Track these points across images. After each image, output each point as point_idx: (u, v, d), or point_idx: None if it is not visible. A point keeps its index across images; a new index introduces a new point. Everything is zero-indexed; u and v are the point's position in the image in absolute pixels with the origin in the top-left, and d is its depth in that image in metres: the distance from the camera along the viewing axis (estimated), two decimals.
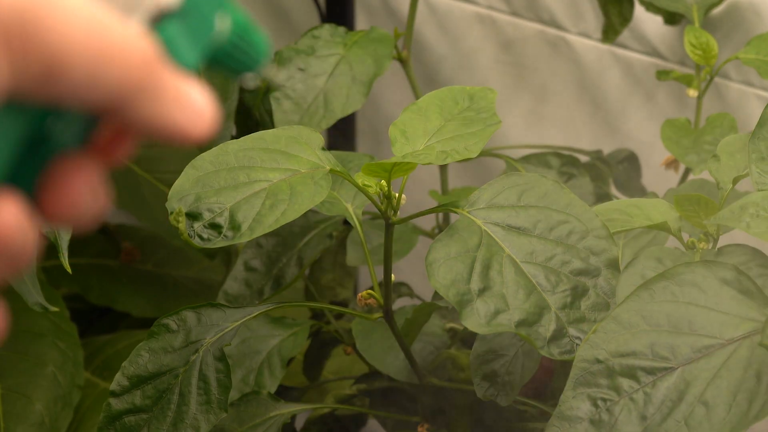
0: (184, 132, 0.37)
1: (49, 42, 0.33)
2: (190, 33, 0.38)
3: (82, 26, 0.34)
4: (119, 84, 0.35)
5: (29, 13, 0.33)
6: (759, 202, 0.82)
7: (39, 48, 0.33)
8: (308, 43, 1.20)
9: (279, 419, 1.01)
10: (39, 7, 0.33)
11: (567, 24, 1.48)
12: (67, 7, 0.34)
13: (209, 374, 0.91)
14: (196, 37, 0.38)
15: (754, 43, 1.23)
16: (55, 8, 0.33)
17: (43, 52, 0.33)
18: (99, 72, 0.34)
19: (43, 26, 0.33)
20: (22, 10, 0.32)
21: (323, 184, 0.86)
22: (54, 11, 0.33)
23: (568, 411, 0.75)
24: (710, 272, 0.78)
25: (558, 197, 0.88)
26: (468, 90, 0.94)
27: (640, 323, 0.77)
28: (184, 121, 0.37)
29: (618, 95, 1.47)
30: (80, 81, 0.34)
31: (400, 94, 1.62)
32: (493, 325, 0.82)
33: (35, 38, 0.33)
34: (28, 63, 0.33)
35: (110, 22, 0.35)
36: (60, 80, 0.34)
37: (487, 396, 0.93)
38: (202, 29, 0.38)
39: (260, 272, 1.15)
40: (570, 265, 0.86)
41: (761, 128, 0.88)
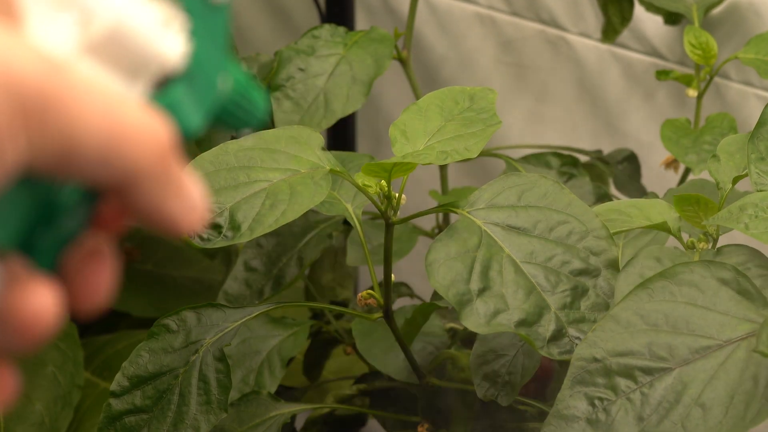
0: (176, 223, 0.37)
1: (65, 121, 0.33)
2: (195, 94, 0.38)
3: (99, 106, 0.34)
4: (131, 166, 0.35)
5: (48, 92, 0.33)
6: (758, 203, 0.82)
7: (56, 126, 0.33)
8: (308, 43, 1.20)
9: (279, 419, 1.01)
10: (58, 86, 0.33)
11: (567, 24, 1.48)
12: (85, 87, 0.34)
13: (209, 374, 0.91)
14: (200, 99, 0.38)
15: (753, 43, 1.23)
16: (73, 88, 0.33)
17: (59, 130, 0.33)
18: (112, 152, 0.34)
19: (61, 105, 0.33)
20: (41, 89, 0.33)
21: (323, 184, 0.86)
22: (72, 91, 0.33)
23: (565, 410, 0.75)
24: (709, 272, 0.78)
25: (558, 197, 0.88)
26: (468, 90, 0.94)
27: (638, 323, 0.77)
28: (179, 212, 0.37)
29: (618, 95, 1.47)
30: (93, 160, 0.34)
31: (400, 94, 1.62)
32: (492, 325, 0.82)
33: (53, 117, 0.33)
34: (44, 140, 0.33)
35: (127, 103, 0.35)
36: (74, 158, 0.34)
37: (487, 396, 0.93)
38: (207, 90, 0.38)
39: (260, 272, 1.15)
40: (570, 266, 0.86)
41: (760, 128, 0.88)
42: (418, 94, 1.25)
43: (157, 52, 0.37)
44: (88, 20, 0.36)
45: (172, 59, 0.37)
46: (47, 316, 0.35)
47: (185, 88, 0.38)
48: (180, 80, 0.38)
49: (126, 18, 0.36)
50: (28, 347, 0.36)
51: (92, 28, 0.36)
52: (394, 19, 1.58)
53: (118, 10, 0.36)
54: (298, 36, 1.24)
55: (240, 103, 0.40)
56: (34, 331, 0.35)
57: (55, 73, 0.33)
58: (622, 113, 1.48)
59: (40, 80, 0.33)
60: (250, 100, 0.40)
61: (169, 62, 0.37)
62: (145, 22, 0.36)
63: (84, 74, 0.34)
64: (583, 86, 1.50)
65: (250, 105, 0.40)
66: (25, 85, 0.32)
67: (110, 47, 0.36)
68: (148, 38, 0.36)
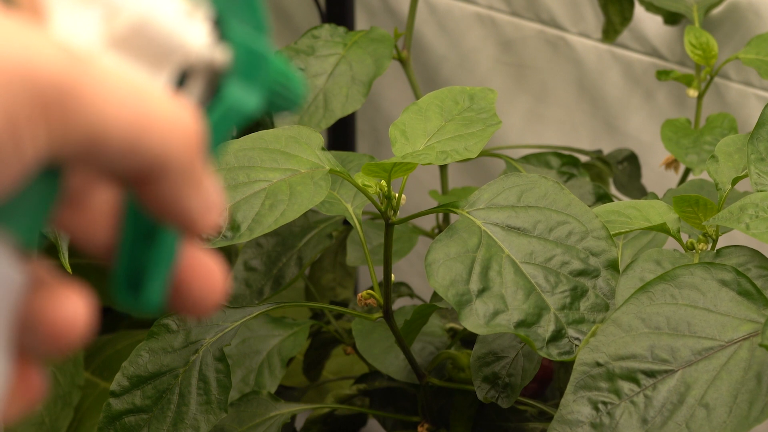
0: (193, 221, 0.37)
1: (89, 112, 0.33)
2: (248, 83, 0.38)
3: (124, 98, 0.34)
4: (156, 157, 0.35)
5: (68, 84, 0.33)
6: (758, 203, 0.82)
7: (78, 118, 0.33)
8: (308, 43, 1.20)
9: (279, 419, 1.01)
10: (79, 78, 0.33)
11: (567, 24, 1.48)
12: (109, 78, 0.34)
13: (209, 374, 0.91)
14: (254, 85, 0.38)
15: (754, 43, 1.23)
16: (96, 80, 0.33)
17: (82, 121, 0.33)
18: (139, 142, 0.34)
19: (84, 97, 0.33)
20: (61, 82, 0.33)
21: (323, 184, 0.86)
22: (95, 83, 0.33)
23: (569, 415, 0.75)
24: (709, 274, 0.78)
25: (558, 198, 0.88)
26: (468, 90, 0.94)
27: (639, 326, 0.77)
28: (198, 210, 0.37)
29: (618, 95, 1.47)
30: (120, 150, 0.34)
31: (400, 94, 1.62)
32: (492, 326, 0.82)
33: (74, 109, 0.33)
34: (67, 133, 0.33)
35: (155, 94, 0.35)
36: (99, 149, 0.34)
37: (488, 398, 0.93)
38: (255, 77, 0.38)
39: (260, 272, 1.15)
40: (569, 266, 0.86)
41: (760, 129, 0.88)
42: (418, 94, 1.25)
43: (180, 42, 0.37)
44: (113, 15, 0.36)
45: (196, 48, 0.37)
46: (79, 323, 0.35)
47: (237, 81, 0.38)
48: (230, 76, 0.38)
49: (150, 11, 0.36)
50: (58, 353, 0.35)
51: (117, 22, 0.36)
52: (394, 19, 1.58)
53: (142, 4, 0.36)
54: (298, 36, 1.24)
55: (280, 89, 0.40)
56: (65, 338, 0.35)
57: (77, 65, 0.33)
58: (622, 113, 1.48)
59: (61, 73, 0.33)
60: (289, 85, 0.40)
61: (193, 51, 0.37)
62: (168, 14, 0.36)
63: (109, 66, 0.34)
64: (583, 86, 1.50)
65: (290, 90, 0.40)
66: (45, 78, 0.32)
67: (135, 40, 0.36)
68: (172, 29, 0.36)
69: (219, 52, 0.38)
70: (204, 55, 0.37)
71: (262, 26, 0.39)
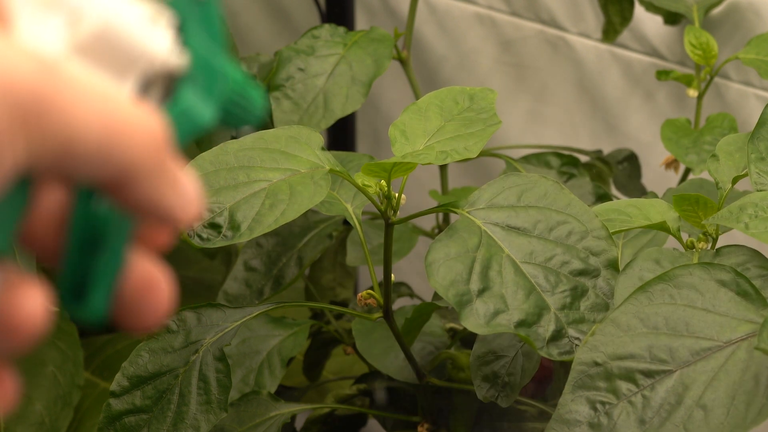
0: (175, 216, 0.37)
1: (63, 120, 0.34)
2: (202, 92, 0.38)
3: (94, 104, 0.34)
4: (128, 161, 0.35)
5: (43, 93, 0.33)
6: (758, 203, 0.82)
7: (53, 126, 0.33)
8: (308, 43, 1.20)
9: (279, 419, 1.01)
10: (52, 87, 0.33)
11: (567, 24, 1.48)
12: (78, 86, 0.34)
13: (209, 374, 0.91)
14: (207, 95, 0.39)
15: (754, 43, 1.23)
16: (67, 88, 0.34)
17: (57, 130, 0.34)
18: (110, 148, 0.35)
19: (57, 106, 0.33)
20: (35, 91, 0.33)
21: (323, 184, 0.86)
22: (66, 91, 0.34)
23: (566, 414, 0.75)
24: (708, 274, 0.78)
25: (558, 197, 0.88)
26: (468, 90, 0.94)
27: (638, 326, 0.77)
28: (178, 206, 0.37)
29: (618, 95, 1.47)
30: (92, 157, 0.35)
31: (400, 94, 1.62)
32: (492, 326, 0.82)
33: (50, 117, 0.33)
34: (43, 141, 0.33)
35: (121, 100, 0.35)
36: (73, 156, 0.34)
37: (487, 397, 0.93)
38: (211, 86, 0.39)
39: (260, 272, 1.15)
40: (569, 266, 0.86)
41: (760, 128, 0.88)
42: (417, 94, 1.25)
43: (145, 49, 0.37)
44: (76, 21, 0.36)
45: (160, 55, 0.37)
46: (39, 316, 0.35)
47: (192, 89, 0.38)
48: (186, 82, 0.38)
49: (114, 17, 0.36)
50: (22, 348, 0.36)
51: (81, 28, 0.36)
52: (394, 19, 1.58)
53: (105, 10, 0.36)
54: (298, 36, 1.24)
55: (239, 102, 0.40)
56: (27, 332, 0.36)
57: (49, 73, 0.33)
58: (622, 113, 1.48)
59: (35, 82, 0.33)
60: (248, 98, 0.40)
61: (157, 58, 0.37)
62: (132, 20, 0.36)
63: (76, 73, 0.35)
64: (583, 86, 1.50)
65: (249, 103, 0.40)
66: (20, 87, 0.33)
67: (99, 46, 0.36)
68: (136, 36, 0.37)
69: (178, 58, 0.38)
70: (167, 63, 0.37)
71: (218, 37, 0.39)
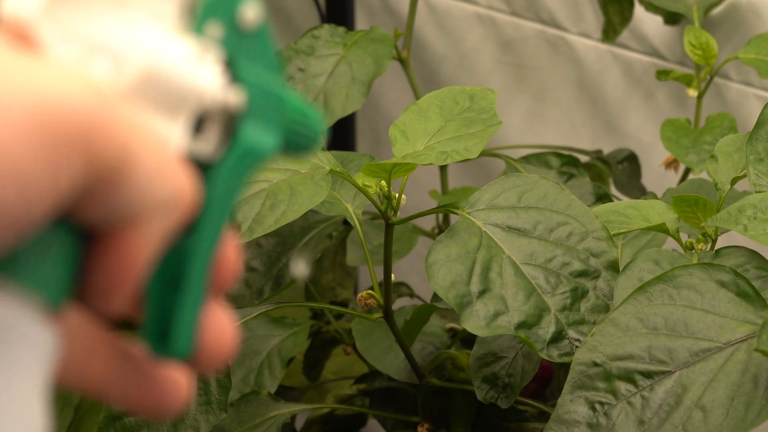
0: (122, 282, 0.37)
1: (116, 147, 0.34)
2: (264, 125, 0.38)
3: (145, 140, 0.35)
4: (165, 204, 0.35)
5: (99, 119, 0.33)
6: (756, 204, 0.82)
7: (108, 151, 0.33)
8: (308, 43, 1.20)
9: (279, 419, 1.01)
10: (107, 114, 0.34)
11: (567, 24, 1.48)
12: (133, 122, 0.34)
13: (209, 375, 0.91)
14: (270, 127, 0.38)
15: (754, 43, 1.23)
16: (121, 117, 0.34)
17: (111, 154, 0.34)
18: (155, 187, 0.35)
19: (112, 132, 0.34)
20: (93, 117, 0.33)
21: (323, 185, 0.86)
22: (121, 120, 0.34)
23: (565, 414, 0.75)
24: (707, 275, 0.78)
25: (558, 198, 0.88)
26: (468, 90, 0.94)
27: (637, 326, 0.77)
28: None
29: (618, 95, 1.47)
30: (136, 191, 0.35)
31: (400, 94, 1.62)
32: (492, 327, 0.82)
33: (105, 142, 0.33)
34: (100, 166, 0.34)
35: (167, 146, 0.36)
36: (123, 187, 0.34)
37: (487, 399, 0.93)
38: (273, 117, 0.38)
39: (260, 272, 1.15)
40: (570, 267, 0.86)
41: (759, 129, 0.88)
42: (418, 94, 1.25)
43: (193, 86, 0.36)
44: (120, 65, 0.35)
45: (209, 92, 0.37)
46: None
47: (253, 123, 0.38)
48: (245, 118, 0.37)
49: (158, 58, 0.36)
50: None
51: (126, 72, 0.35)
52: (394, 19, 1.58)
53: (149, 51, 0.36)
54: (298, 36, 1.24)
55: (299, 129, 0.39)
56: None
57: (105, 101, 0.34)
58: (622, 113, 1.48)
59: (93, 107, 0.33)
60: (308, 124, 0.39)
61: (206, 95, 0.37)
62: (177, 59, 0.36)
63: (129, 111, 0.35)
64: (583, 86, 1.50)
65: (309, 129, 0.39)
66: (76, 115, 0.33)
67: (146, 88, 0.36)
68: (183, 74, 0.36)
69: (232, 95, 0.37)
70: (218, 99, 0.37)
71: (273, 65, 0.38)
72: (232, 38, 0.38)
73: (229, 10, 0.37)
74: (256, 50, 0.38)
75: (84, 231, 0.35)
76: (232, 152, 0.37)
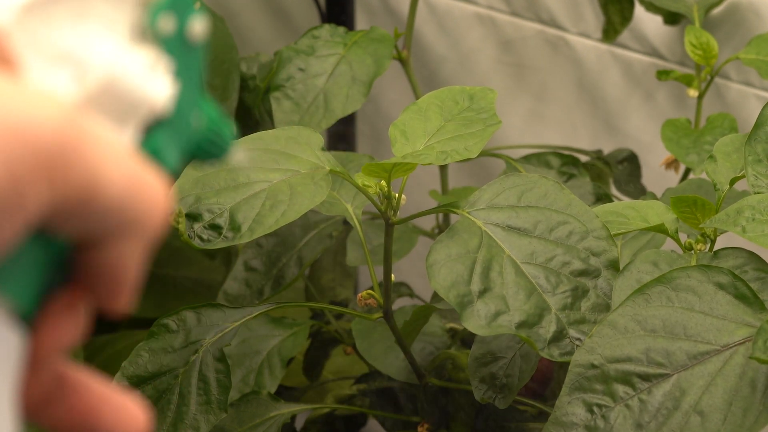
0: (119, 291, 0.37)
1: (87, 168, 0.34)
2: (174, 135, 0.39)
3: (117, 159, 0.35)
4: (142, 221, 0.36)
5: (69, 141, 0.34)
6: (755, 206, 0.82)
7: (78, 174, 0.34)
8: (308, 43, 1.20)
9: (279, 419, 1.01)
10: (77, 136, 0.34)
11: (567, 24, 1.48)
12: (101, 139, 0.35)
13: (209, 374, 0.91)
14: (178, 139, 0.39)
15: (754, 43, 1.23)
16: (90, 137, 0.34)
17: (81, 177, 0.34)
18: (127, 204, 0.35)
19: (82, 154, 0.34)
20: (63, 138, 0.33)
21: (323, 185, 0.86)
22: (90, 140, 0.34)
23: (563, 417, 0.75)
24: (706, 277, 0.78)
25: (558, 198, 0.88)
26: (468, 90, 0.94)
27: (635, 328, 0.77)
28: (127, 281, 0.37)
29: (618, 95, 1.47)
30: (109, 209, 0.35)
31: (400, 94, 1.62)
32: (493, 327, 0.82)
33: (74, 164, 0.34)
34: (68, 187, 0.34)
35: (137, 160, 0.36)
36: (93, 205, 0.34)
37: (485, 399, 0.93)
38: (184, 130, 0.39)
39: (260, 272, 1.15)
40: (570, 266, 0.86)
41: (758, 130, 0.88)
42: (418, 94, 1.25)
43: (146, 96, 0.37)
44: (82, 74, 0.36)
45: (160, 101, 0.37)
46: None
47: (166, 131, 0.38)
48: (161, 123, 0.38)
49: (118, 67, 0.36)
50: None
51: (87, 80, 0.36)
52: (394, 19, 1.58)
53: (110, 61, 0.36)
54: (298, 36, 1.24)
55: (211, 139, 0.40)
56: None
57: (73, 122, 0.34)
58: (622, 113, 1.48)
59: (60, 129, 0.33)
60: (220, 134, 0.40)
61: (157, 105, 0.37)
62: (134, 69, 0.37)
63: (95, 126, 0.35)
64: (583, 86, 1.50)
65: (220, 139, 0.40)
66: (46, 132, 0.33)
67: (105, 97, 0.36)
68: (138, 84, 0.37)
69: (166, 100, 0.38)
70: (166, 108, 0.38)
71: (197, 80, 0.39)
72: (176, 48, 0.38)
73: (180, 22, 0.38)
74: (191, 64, 0.39)
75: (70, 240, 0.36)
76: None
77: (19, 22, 0.35)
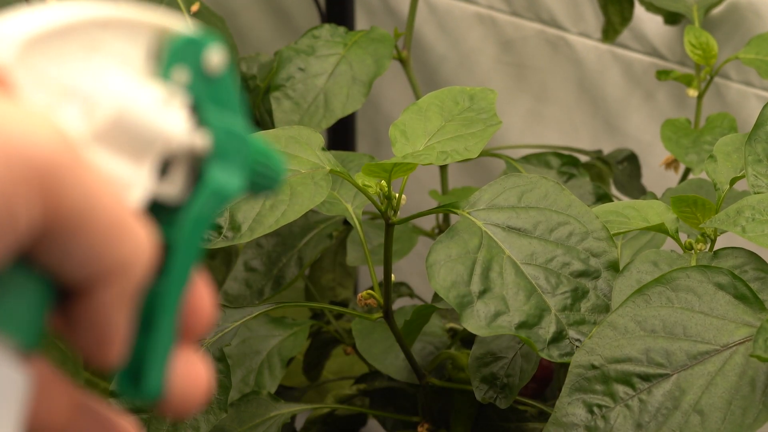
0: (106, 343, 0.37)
1: (80, 192, 0.34)
2: (229, 166, 0.39)
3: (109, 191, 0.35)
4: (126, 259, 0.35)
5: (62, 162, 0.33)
6: (755, 206, 0.82)
7: (70, 195, 0.34)
8: (308, 43, 1.20)
9: (279, 419, 1.01)
10: (73, 159, 0.34)
11: (567, 24, 1.48)
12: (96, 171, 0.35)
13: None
14: (235, 167, 0.39)
15: (754, 43, 1.23)
16: (87, 167, 0.34)
17: (73, 199, 0.34)
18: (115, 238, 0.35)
19: (77, 177, 0.34)
20: (56, 160, 0.33)
21: (323, 185, 0.86)
22: (84, 166, 0.34)
23: (563, 417, 0.75)
24: (705, 277, 0.78)
25: (558, 198, 0.88)
26: (468, 90, 0.94)
27: (635, 329, 0.77)
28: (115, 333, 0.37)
29: (618, 95, 1.47)
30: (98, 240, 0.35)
31: (400, 94, 1.62)
32: (493, 327, 0.82)
33: (67, 186, 0.34)
34: (59, 210, 0.34)
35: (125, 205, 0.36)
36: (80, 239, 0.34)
37: (486, 399, 0.93)
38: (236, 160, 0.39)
39: (260, 272, 1.15)
40: (570, 267, 0.86)
41: (758, 130, 0.88)
42: (418, 94, 1.25)
43: (160, 131, 0.37)
44: (91, 109, 0.36)
45: (176, 136, 0.37)
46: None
47: (219, 166, 0.38)
48: (211, 160, 0.38)
49: (127, 102, 0.36)
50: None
51: (96, 116, 0.36)
52: (394, 19, 1.58)
53: (119, 96, 0.36)
54: (298, 36, 1.24)
55: (262, 170, 0.40)
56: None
57: (69, 145, 0.34)
58: (622, 113, 1.48)
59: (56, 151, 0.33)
60: (270, 166, 0.40)
61: (173, 139, 0.37)
62: (145, 104, 0.37)
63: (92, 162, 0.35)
64: (583, 86, 1.50)
65: (271, 171, 0.40)
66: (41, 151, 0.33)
67: (116, 132, 0.36)
68: (151, 119, 0.37)
69: (199, 138, 0.38)
70: (184, 142, 0.38)
71: (237, 108, 0.39)
72: (198, 83, 0.38)
73: (195, 56, 0.38)
74: (221, 94, 0.39)
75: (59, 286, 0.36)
76: (199, 194, 0.38)
77: (21, 58, 0.35)
